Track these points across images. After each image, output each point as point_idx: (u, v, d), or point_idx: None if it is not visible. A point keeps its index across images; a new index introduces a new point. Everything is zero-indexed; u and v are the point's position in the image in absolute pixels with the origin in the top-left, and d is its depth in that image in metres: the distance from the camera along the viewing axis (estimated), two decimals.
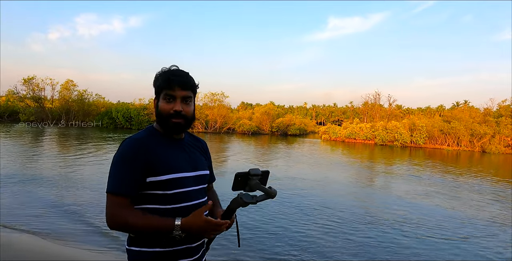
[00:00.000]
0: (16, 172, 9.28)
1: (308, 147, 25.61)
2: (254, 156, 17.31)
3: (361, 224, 6.35)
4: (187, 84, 1.33)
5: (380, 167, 16.33)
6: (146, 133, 1.34)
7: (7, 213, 5.72)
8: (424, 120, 35.87)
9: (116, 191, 1.22)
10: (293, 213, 6.78)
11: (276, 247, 4.92)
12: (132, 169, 1.24)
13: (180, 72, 1.35)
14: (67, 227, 5.28)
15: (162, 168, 1.27)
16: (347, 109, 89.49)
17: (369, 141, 34.72)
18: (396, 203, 8.34)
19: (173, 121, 1.31)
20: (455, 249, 5.29)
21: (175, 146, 1.37)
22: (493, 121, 33.23)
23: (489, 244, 5.60)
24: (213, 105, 40.19)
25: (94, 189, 7.85)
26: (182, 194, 1.30)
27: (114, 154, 1.29)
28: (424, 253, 5.03)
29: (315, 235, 5.54)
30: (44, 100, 39.43)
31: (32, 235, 4.83)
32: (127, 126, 36.40)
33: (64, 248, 4.45)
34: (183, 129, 1.36)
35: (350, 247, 5.10)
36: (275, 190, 1.29)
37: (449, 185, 11.44)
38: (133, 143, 1.28)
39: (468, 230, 6.36)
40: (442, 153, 27.18)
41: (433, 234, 5.95)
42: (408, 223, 6.55)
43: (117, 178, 1.24)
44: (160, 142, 1.33)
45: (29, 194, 7.15)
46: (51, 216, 5.78)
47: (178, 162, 1.33)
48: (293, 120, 44.96)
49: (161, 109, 1.32)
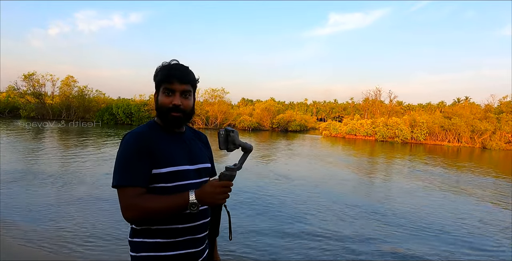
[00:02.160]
0: (19, 169, 9.32)
1: (309, 143, 25.62)
2: (255, 151, 17.33)
3: (365, 219, 6.38)
4: (186, 78, 1.34)
5: (381, 162, 16.35)
6: (147, 127, 1.36)
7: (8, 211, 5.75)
8: (424, 116, 35.77)
9: (127, 183, 1.22)
10: (296, 209, 6.80)
11: (276, 244, 4.95)
12: (140, 160, 1.25)
13: (179, 66, 1.36)
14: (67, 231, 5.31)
15: (162, 161, 1.28)
16: (348, 105, 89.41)
17: (369, 137, 34.71)
18: (399, 197, 8.37)
19: (172, 115, 1.33)
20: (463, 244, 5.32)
21: (176, 139, 1.39)
22: (494, 117, 33.16)
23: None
24: (214, 101, 40.14)
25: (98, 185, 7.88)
26: (182, 187, 1.30)
27: (118, 149, 1.30)
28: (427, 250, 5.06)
29: (317, 232, 5.57)
30: (44, 96, 39.43)
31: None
32: (128, 122, 36.40)
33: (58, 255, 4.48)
34: (182, 122, 1.38)
35: (357, 244, 5.13)
36: (250, 144, 1.35)
37: (451, 179, 11.46)
38: (135, 136, 1.30)
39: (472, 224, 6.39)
40: (442, 149, 27.19)
41: (431, 229, 5.98)
42: (411, 217, 6.58)
43: (127, 171, 1.23)
44: (161, 135, 1.35)
45: (31, 192, 7.19)
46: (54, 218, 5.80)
47: (178, 155, 1.34)
48: (293, 116, 44.91)
49: (161, 103, 1.34)
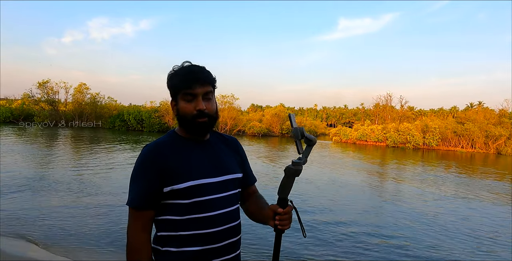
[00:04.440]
0: (31, 176, 9.48)
1: (319, 149, 25.47)
2: (265, 156, 17.28)
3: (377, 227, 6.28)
4: (205, 79, 1.21)
5: (393, 168, 16.12)
6: (167, 138, 1.25)
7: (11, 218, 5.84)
8: (437, 122, 35.23)
9: (132, 205, 1.17)
10: (312, 216, 6.74)
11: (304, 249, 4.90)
12: (147, 180, 1.16)
13: (195, 68, 1.23)
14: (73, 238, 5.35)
15: (180, 176, 1.16)
16: (358, 110, 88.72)
17: (380, 143, 34.31)
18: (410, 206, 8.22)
19: (199, 121, 1.20)
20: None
21: (199, 149, 1.25)
22: (508, 122, 32.47)
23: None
24: (223, 107, 40.33)
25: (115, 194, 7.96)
26: (202, 203, 1.18)
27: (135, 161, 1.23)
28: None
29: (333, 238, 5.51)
30: (58, 103, 40.23)
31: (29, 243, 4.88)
32: (139, 129, 36.81)
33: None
34: (208, 128, 1.24)
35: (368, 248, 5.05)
36: (313, 136, 1.23)
37: (465, 184, 11.22)
38: (150, 151, 1.19)
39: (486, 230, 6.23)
40: (455, 155, 26.69)
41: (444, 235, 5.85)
42: (428, 224, 6.45)
43: (134, 191, 1.18)
44: (181, 146, 1.23)
45: (39, 200, 7.29)
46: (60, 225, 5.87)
47: (199, 167, 1.21)
48: (303, 122, 44.84)
49: (183, 111, 1.21)
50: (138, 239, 1.17)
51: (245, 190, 1.42)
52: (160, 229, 1.22)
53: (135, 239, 1.17)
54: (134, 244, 1.17)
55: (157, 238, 1.23)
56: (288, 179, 1.24)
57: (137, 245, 1.17)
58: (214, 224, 1.19)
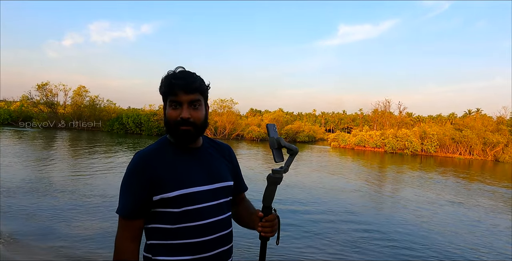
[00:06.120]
0: (28, 178, 9.45)
1: (318, 154, 25.47)
2: (264, 161, 17.28)
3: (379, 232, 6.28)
4: (191, 86, 1.16)
5: (391, 173, 16.13)
6: (158, 145, 1.23)
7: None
8: (435, 128, 35.31)
9: (121, 213, 1.17)
10: (306, 221, 6.74)
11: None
12: (136, 190, 1.15)
13: (183, 74, 1.19)
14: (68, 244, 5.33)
15: (170, 184, 1.14)
16: (357, 116, 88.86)
17: (378, 148, 34.34)
18: (411, 208, 8.23)
19: (181, 129, 1.17)
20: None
21: (190, 156, 1.23)
22: (506, 129, 32.58)
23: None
24: (222, 112, 40.40)
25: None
26: (192, 212, 1.16)
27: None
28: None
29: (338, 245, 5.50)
30: (57, 106, 40.21)
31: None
32: (137, 132, 36.77)
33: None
34: (193, 137, 1.21)
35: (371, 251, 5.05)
36: (295, 146, 1.23)
37: (462, 190, 11.23)
38: (138, 160, 1.18)
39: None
40: (453, 161, 26.72)
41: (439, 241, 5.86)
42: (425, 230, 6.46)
43: (124, 200, 1.17)
44: (171, 154, 1.21)
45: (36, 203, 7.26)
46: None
47: (190, 175, 1.19)
48: (302, 127, 44.83)
49: (168, 117, 1.19)
50: (126, 248, 1.16)
51: (235, 197, 1.41)
52: (151, 237, 1.21)
53: (122, 248, 1.16)
54: (121, 253, 1.16)
55: (147, 247, 1.22)
56: (269, 187, 1.24)
57: (124, 254, 1.15)
58: (205, 233, 1.18)
